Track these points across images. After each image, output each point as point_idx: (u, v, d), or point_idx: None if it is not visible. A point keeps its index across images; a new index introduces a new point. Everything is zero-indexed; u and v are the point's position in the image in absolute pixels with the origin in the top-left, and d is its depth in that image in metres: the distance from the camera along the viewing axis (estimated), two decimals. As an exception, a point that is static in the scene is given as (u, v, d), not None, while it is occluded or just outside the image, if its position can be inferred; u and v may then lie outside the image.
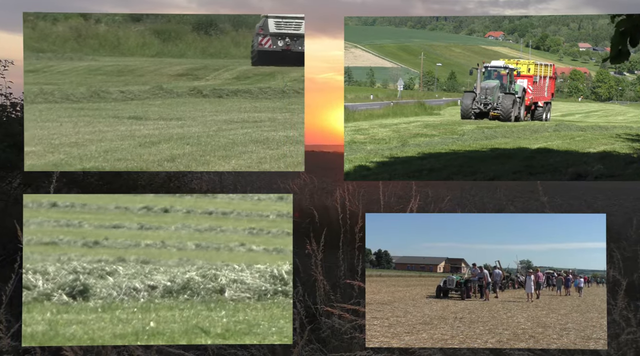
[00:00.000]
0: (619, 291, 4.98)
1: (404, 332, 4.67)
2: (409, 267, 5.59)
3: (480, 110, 11.78)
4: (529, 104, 12.38)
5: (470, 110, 11.67)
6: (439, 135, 8.94)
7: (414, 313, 5.14)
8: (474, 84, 12.61)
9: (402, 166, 7.01)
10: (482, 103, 11.86)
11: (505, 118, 11.59)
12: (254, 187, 14.15)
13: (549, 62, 12.93)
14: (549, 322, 4.94)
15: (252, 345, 4.98)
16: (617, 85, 13.36)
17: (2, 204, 8.19)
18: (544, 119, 12.23)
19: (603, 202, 17.63)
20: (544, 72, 12.77)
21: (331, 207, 9.56)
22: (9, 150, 8.04)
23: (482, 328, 4.76)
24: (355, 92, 13.72)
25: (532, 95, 12.40)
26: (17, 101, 9.02)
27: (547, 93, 12.72)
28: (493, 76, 12.86)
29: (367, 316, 4.74)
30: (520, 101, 12.33)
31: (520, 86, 12.40)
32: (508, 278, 5.79)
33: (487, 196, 14.67)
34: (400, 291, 5.76)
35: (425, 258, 5.55)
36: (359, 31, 15.91)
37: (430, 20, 17.18)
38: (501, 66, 12.74)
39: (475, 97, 12.04)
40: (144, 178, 10.29)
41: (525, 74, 12.63)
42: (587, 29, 15.23)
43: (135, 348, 4.64)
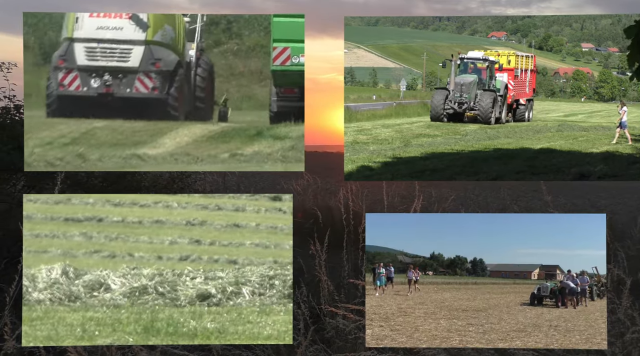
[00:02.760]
0: (624, 290, 4.97)
1: (498, 339, 4.61)
2: (503, 275, 5.56)
3: (454, 110, 10.34)
4: (510, 102, 10.99)
5: (442, 110, 10.23)
6: (442, 135, 8.92)
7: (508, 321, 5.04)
8: (447, 79, 11.25)
9: (405, 166, 7.02)
10: (457, 102, 10.42)
11: (484, 120, 10.14)
12: (257, 187, 14.17)
13: (529, 53, 11.93)
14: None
15: (256, 345, 4.98)
16: (619, 85, 13.28)
17: (6, 206, 8.20)
18: (526, 119, 11.00)
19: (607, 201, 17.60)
20: (525, 65, 11.51)
21: (334, 208, 9.56)
22: (13, 152, 8.06)
23: (578, 338, 4.65)
24: (358, 93, 13.72)
25: (514, 92, 11.08)
26: (21, 103, 9.04)
27: (529, 88, 11.48)
28: (470, 70, 11.45)
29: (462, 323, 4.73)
30: (502, 99, 10.78)
31: (502, 82, 10.99)
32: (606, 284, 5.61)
33: (491, 196, 14.64)
34: (495, 298, 5.73)
35: (520, 265, 5.46)
36: (362, 31, 15.90)
37: (433, 21, 17.19)
38: (480, 58, 11.36)
39: (449, 95, 10.57)
40: (147, 179, 10.31)
41: (505, 67, 11.31)
42: (590, 29, 15.19)
43: (139, 349, 4.64)
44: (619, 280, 5.28)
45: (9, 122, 8.87)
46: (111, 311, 4.89)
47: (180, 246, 6.75)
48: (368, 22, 14.06)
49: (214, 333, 4.64)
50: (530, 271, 5.52)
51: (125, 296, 5.07)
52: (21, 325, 4.60)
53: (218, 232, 7.17)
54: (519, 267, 5.51)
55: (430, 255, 5.17)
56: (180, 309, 4.97)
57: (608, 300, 4.96)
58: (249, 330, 4.68)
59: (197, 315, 4.87)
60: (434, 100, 10.63)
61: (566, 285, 5.26)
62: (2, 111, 9.05)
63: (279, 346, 5.06)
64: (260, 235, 6.88)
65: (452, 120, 10.35)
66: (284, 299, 5.04)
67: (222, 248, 6.70)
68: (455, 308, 5.10)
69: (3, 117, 8.99)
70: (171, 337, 4.57)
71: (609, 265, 5.35)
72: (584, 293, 5.21)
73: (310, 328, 4.97)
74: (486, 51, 11.70)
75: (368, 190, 9.64)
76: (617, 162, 7.14)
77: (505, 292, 5.74)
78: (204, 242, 6.85)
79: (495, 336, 4.66)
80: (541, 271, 5.42)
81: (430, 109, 10.63)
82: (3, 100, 9.21)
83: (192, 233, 7.13)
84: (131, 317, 4.79)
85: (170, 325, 4.71)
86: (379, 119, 10.93)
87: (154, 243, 6.83)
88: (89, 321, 4.73)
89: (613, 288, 5.28)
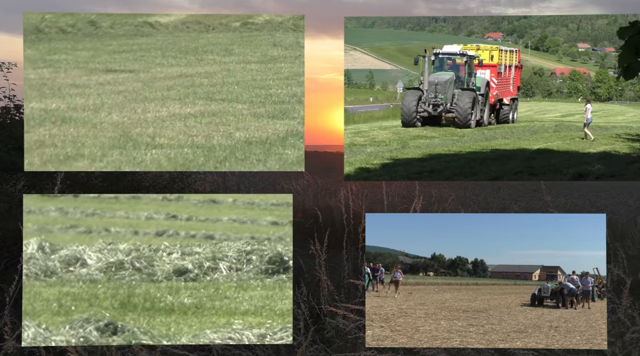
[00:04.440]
0: (624, 290, 5.00)
1: (499, 340, 4.63)
2: (504, 275, 5.57)
3: (428, 113, 9.10)
4: (493, 103, 9.81)
5: (415, 113, 9.00)
6: (439, 136, 8.89)
7: (508, 321, 5.05)
8: (420, 77, 9.99)
9: (402, 168, 7.01)
10: (431, 103, 9.21)
11: (462, 124, 8.96)
12: (257, 187, 14.20)
13: (514, 47, 10.76)
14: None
15: (256, 345, 4.99)
16: (616, 85, 13.29)
17: (7, 206, 8.21)
18: (510, 120, 9.95)
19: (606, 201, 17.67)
20: (510, 61, 10.40)
21: (335, 208, 9.56)
22: (13, 152, 8.07)
23: (579, 338, 4.67)
24: (355, 95, 13.71)
25: (497, 91, 9.92)
26: (21, 103, 9.05)
27: (513, 87, 10.39)
28: (446, 66, 10.19)
29: (462, 323, 4.75)
30: (484, 99, 9.57)
31: (483, 79, 9.79)
32: (606, 285, 5.58)
33: (491, 196, 14.67)
34: (496, 299, 5.72)
35: (521, 266, 5.45)
36: (358, 33, 15.89)
37: (430, 22, 17.21)
38: (457, 53, 10.08)
39: (422, 96, 9.34)
40: (147, 179, 10.32)
41: (487, 63, 10.06)
42: (586, 29, 15.21)
43: (140, 349, 4.65)
44: (619, 280, 5.31)
45: (9, 122, 8.89)
46: (87, 286, 4.86)
47: (157, 221, 6.70)
48: (364, 23, 14.05)
49: (191, 308, 4.63)
50: (531, 272, 5.51)
51: (102, 271, 5.03)
52: (21, 325, 4.60)
53: (195, 207, 7.08)
54: (520, 268, 5.51)
55: (431, 256, 5.18)
56: (157, 284, 4.94)
57: (608, 300, 4.98)
58: (226, 306, 4.68)
59: (174, 290, 4.85)
60: (405, 103, 9.24)
61: (565, 286, 5.27)
62: (2, 111, 9.07)
63: (279, 346, 5.07)
64: (238, 210, 6.81)
65: (426, 124, 9.10)
66: (261, 274, 5.03)
67: (199, 223, 6.63)
68: (455, 308, 5.09)
69: (3, 117, 9.00)
70: (148, 312, 4.56)
71: (609, 265, 5.38)
72: (587, 295, 5.21)
73: (311, 328, 4.98)
74: (465, 45, 10.39)
75: (368, 190, 9.64)
76: (614, 161, 7.15)
77: (506, 293, 5.74)
78: (180, 217, 6.80)
79: (496, 336, 4.68)
80: (542, 272, 5.41)
81: (400, 113, 9.32)
82: (3, 100, 9.24)
83: (168, 209, 7.06)
84: (108, 292, 4.76)
85: (147, 300, 4.70)
86: (376, 121, 10.90)
87: (130, 219, 6.77)
88: (65, 296, 4.70)
89: (613, 288, 5.30)
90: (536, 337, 4.66)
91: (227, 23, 6.54)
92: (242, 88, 6.63)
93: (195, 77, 7.15)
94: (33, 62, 6.18)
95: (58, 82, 6.59)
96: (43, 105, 6.02)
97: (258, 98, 6.38)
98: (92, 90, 6.58)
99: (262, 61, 7.35)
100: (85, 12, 15.31)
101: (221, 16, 6.56)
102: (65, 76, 6.78)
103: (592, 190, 20.86)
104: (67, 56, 7.22)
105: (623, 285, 5.04)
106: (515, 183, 17.62)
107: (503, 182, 14.72)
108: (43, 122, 5.64)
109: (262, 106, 6.15)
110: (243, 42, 7.62)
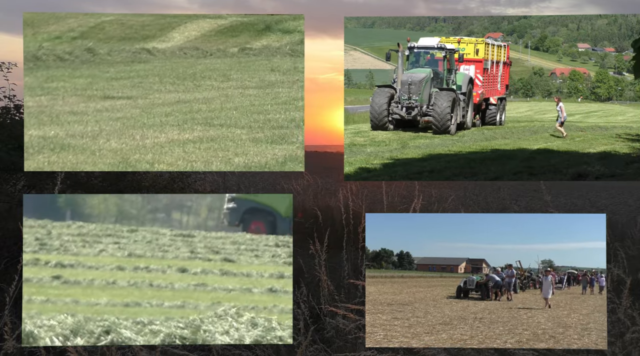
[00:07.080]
0: (624, 289, 5.00)
1: (424, 332, 4.66)
2: (430, 268, 5.58)
3: (401, 116, 7.99)
4: (478, 102, 8.71)
5: (386, 116, 7.96)
6: (439, 136, 8.88)
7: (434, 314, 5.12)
8: (393, 74, 8.83)
9: (402, 168, 7.00)
10: (404, 106, 8.04)
11: (440, 129, 7.85)
12: (257, 187, 14.19)
13: (502, 42, 9.65)
14: (570, 322, 4.93)
15: (256, 345, 4.99)
16: (616, 85, 13.29)
17: (7, 206, 8.21)
18: (497, 122, 8.94)
19: (606, 201, 17.68)
20: (498, 56, 9.25)
21: (335, 208, 9.55)
22: (13, 152, 8.08)
23: (501, 329, 4.74)
24: (355, 95, 13.70)
25: (483, 89, 8.80)
26: (21, 103, 9.06)
27: (501, 85, 9.35)
28: (424, 61, 8.87)
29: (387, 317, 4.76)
30: (466, 99, 8.33)
31: (465, 76, 8.54)
32: (529, 278, 5.69)
33: (491, 196, 14.67)
34: (422, 291, 5.77)
35: (447, 259, 5.47)
36: (358, 33, 15.90)
37: (429, 22, 17.19)
38: (434, 46, 8.74)
39: (394, 95, 8.23)
40: (147, 179, 10.32)
41: (472, 57, 8.81)
42: (586, 29, 15.22)
43: (140, 348, 4.65)
44: (619, 280, 5.31)
45: (9, 122, 8.89)
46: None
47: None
48: (364, 23, 14.02)
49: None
50: (457, 265, 5.57)
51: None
52: (21, 325, 4.60)
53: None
54: (446, 261, 5.56)
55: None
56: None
57: (608, 300, 4.99)
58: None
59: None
60: (374, 104, 8.07)
61: (491, 278, 5.43)
62: (2, 111, 9.07)
63: (279, 346, 5.07)
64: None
65: (399, 127, 7.98)
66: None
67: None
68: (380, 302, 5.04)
69: (3, 117, 9.00)
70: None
71: (609, 265, 5.38)
72: (509, 286, 5.40)
73: (311, 328, 4.97)
74: (444, 38, 9.11)
75: (368, 190, 9.64)
76: (614, 161, 7.16)
77: (432, 286, 5.79)
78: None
79: (421, 329, 4.71)
80: (467, 265, 5.47)
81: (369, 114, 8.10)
82: (3, 100, 9.24)
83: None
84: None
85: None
86: (376, 121, 10.89)
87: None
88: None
89: (613, 288, 5.30)
90: (461, 329, 4.71)
91: (225, 49, 6.55)
92: (240, 113, 6.65)
93: (194, 102, 7.17)
94: (31, 89, 6.21)
95: (56, 109, 6.64)
96: (42, 133, 6.05)
97: (257, 123, 6.40)
98: (90, 117, 6.63)
99: (260, 86, 7.36)
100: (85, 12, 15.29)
101: (219, 42, 6.56)
102: (63, 103, 6.83)
103: (592, 190, 20.87)
104: (65, 83, 7.27)
105: (623, 285, 5.04)
106: (515, 183, 17.61)
107: (503, 182, 14.69)
108: (42, 150, 5.67)
109: (260, 131, 6.17)
110: (241, 67, 7.65)
